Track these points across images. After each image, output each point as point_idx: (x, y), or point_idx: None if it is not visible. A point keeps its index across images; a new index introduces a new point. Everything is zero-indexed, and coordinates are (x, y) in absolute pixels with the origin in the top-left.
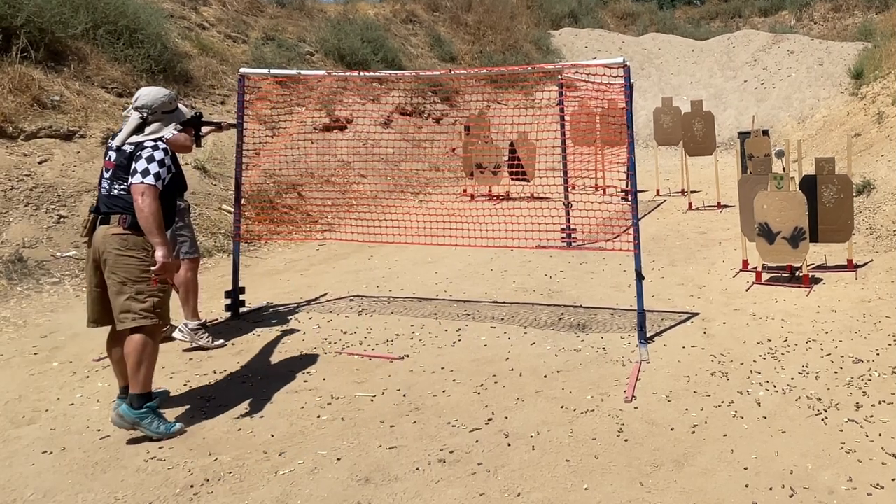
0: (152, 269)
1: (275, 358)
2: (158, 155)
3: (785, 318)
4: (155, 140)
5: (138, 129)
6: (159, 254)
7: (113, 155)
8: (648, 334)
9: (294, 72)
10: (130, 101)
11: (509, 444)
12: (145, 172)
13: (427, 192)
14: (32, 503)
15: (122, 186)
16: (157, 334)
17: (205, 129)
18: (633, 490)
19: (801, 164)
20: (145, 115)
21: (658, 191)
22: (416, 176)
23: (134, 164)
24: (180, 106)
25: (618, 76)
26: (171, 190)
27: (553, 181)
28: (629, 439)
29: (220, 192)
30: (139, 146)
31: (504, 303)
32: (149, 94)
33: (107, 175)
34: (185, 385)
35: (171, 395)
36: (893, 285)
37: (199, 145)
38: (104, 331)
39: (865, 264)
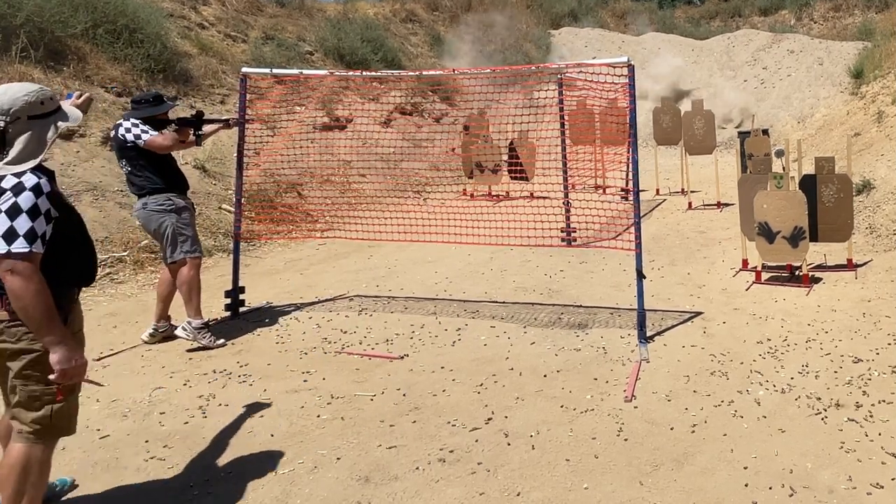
0: (50, 377)
1: (275, 357)
2: (26, 201)
3: (785, 318)
4: (18, 174)
5: None
6: (55, 357)
7: None
8: (648, 334)
9: (296, 71)
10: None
11: (509, 444)
12: (10, 235)
13: (427, 191)
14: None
15: None
16: (48, 453)
17: (208, 127)
18: (632, 489)
19: (801, 164)
20: (2, 123)
21: (658, 190)
22: (416, 175)
23: None
24: (65, 105)
25: (622, 75)
26: (63, 240)
27: (553, 180)
28: (629, 439)
29: (219, 192)
30: None
31: (504, 302)
32: (4, 93)
33: None
34: (185, 385)
35: (172, 393)
36: (893, 285)
37: (198, 145)
38: (103, 331)
39: (865, 264)
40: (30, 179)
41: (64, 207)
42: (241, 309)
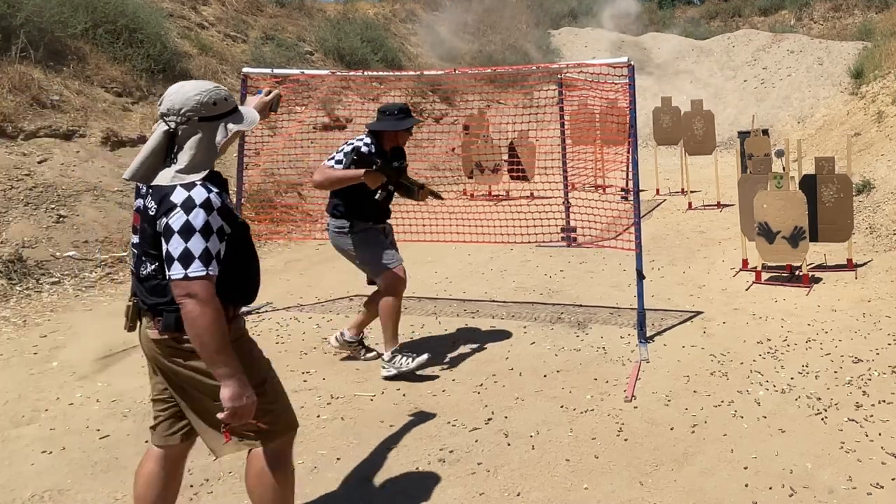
0: (218, 415)
1: (275, 358)
2: (198, 219)
3: (785, 318)
4: (187, 187)
5: (165, 152)
6: (226, 392)
7: (140, 204)
8: (648, 333)
9: (297, 71)
10: (130, 100)
11: (509, 444)
12: (187, 258)
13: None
14: (32, 503)
15: (153, 268)
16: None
17: (402, 182)
18: (632, 490)
19: (801, 164)
20: (173, 124)
21: (658, 190)
22: (415, 175)
23: (163, 241)
24: (244, 106)
25: (622, 76)
26: (232, 257)
27: (553, 180)
28: (629, 439)
29: None
30: (164, 200)
31: (504, 302)
32: (177, 91)
33: (134, 238)
34: None
35: None
36: (893, 285)
37: (375, 197)
38: (103, 330)
39: (865, 264)
40: (200, 194)
41: (235, 222)
42: (242, 309)
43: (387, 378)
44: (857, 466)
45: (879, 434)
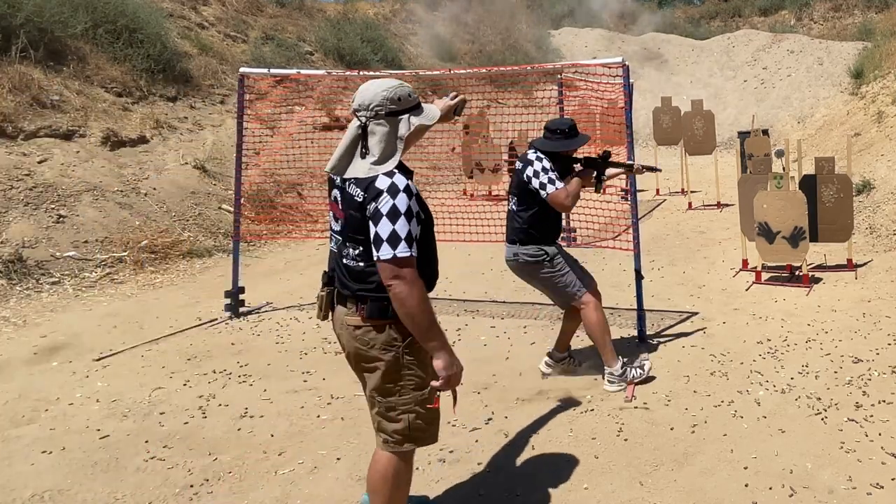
0: (433, 384)
1: (275, 358)
2: (402, 203)
3: (785, 318)
4: (388, 174)
5: (360, 145)
6: (439, 363)
7: (338, 196)
8: (648, 333)
9: (294, 71)
10: (130, 100)
11: (509, 444)
12: (394, 239)
13: (427, 191)
14: (32, 503)
15: (357, 252)
16: (410, 462)
17: (611, 170)
18: (632, 490)
19: (801, 164)
20: (363, 119)
21: (658, 190)
22: (415, 175)
23: (371, 225)
24: (424, 105)
25: (617, 76)
26: (425, 242)
27: None
28: (629, 439)
29: (220, 192)
30: (370, 187)
31: (504, 302)
32: (367, 89)
33: (335, 226)
34: (185, 385)
35: (172, 393)
36: (893, 285)
37: (598, 191)
38: (103, 331)
39: (865, 264)
40: (401, 180)
41: (425, 209)
42: (242, 309)
43: (611, 391)
44: (857, 466)
45: (879, 434)
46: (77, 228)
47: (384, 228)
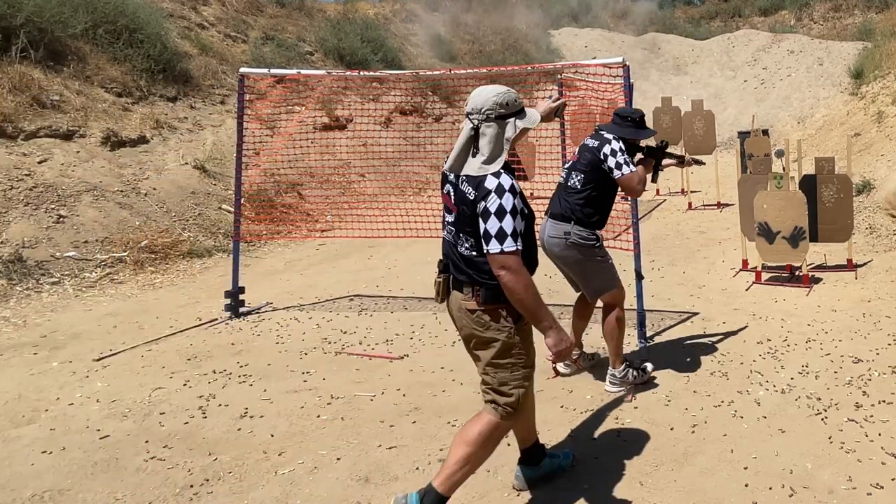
0: (547, 358)
1: (275, 358)
2: (508, 202)
3: (785, 318)
4: (496, 175)
5: (472, 146)
6: (550, 340)
7: (451, 190)
8: (648, 334)
9: (294, 71)
10: (130, 100)
11: (509, 444)
12: (501, 236)
13: (427, 191)
14: (32, 503)
15: (469, 244)
16: (508, 429)
17: (666, 160)
18: (633, 490)
19: (801, 164)
20: (476, 122)
21: (658, 191)
22: (415, 175)
23: (481, 222)
24: (528, 109)
25: (617, 76)
26: (526, 233)
27: (553, 180)
28: (629, 439)
29: (220, 192)
30: (480, 186)
31: None
32: (479, 94)
33: (448, 217)
34: (185, 385)
35: (172, 393)
36: (893, 285)
37: (654, 181)
38: (103, 331)
39: (865, 264)
40: (507, 180)
41: (527, 205)
42: (242, 309)
43: (611, 392)
44: (857, 466)
45: (879, 434)
46: (77, 228)
47: (493, 225)
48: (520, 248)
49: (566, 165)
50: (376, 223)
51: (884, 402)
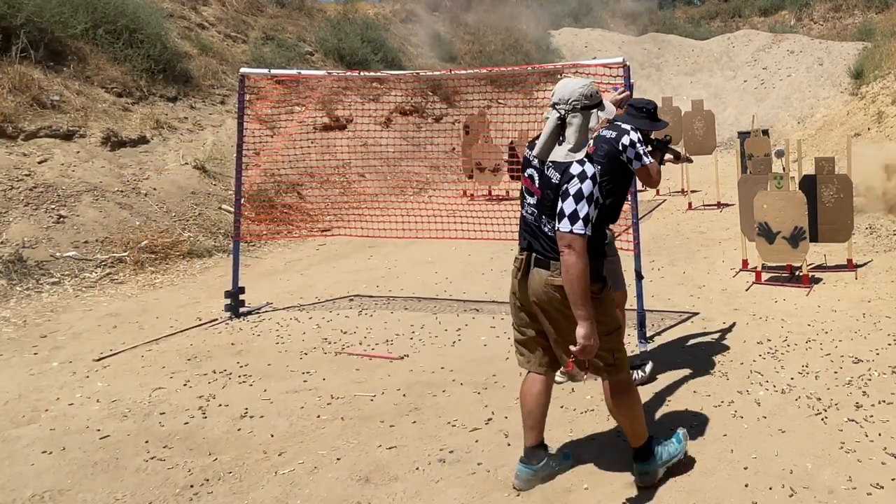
0: (571, 348)
1: (275, 358)
2: (588, 188)
3: (785, 318)
4: (581, 163)
5: (559, 135)
6: (581, 331)
7: (535, 175)
8: (648, 334)
9: (295, 71)
10: (130, 100)
11: (509, 444)
12: (574, 217)
13: (427, 191)
14: (32, 503)
15: (552, 226)
16: (629, 385)
17: (667, 155)
18: (632, 489)
19: (801, 164)
20: (562, 111)
21: (658, 191)
22: (416, 175)
23: (559, 201)
24: (605, 102)
25: (618, 76)
26: (599, 225)
27: None
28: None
29: (220, 192)
30: (565, 172)
31: (504, 302)
32: (565, 86)
33: (530, 200)
34: (185, 385)
35: (172, 393)
36: (893, 285)
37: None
38: (103, 331)
39: (865, 264)
40: (590, 169)
41: (603, 193)
42: (242, 309)
43: None
44: (857, 466)
45: (879, 434)
46: (77, 228)
47: (568, 206)
48: (588, 234)
49: None
50: (376, 223)
51: (884, 402)
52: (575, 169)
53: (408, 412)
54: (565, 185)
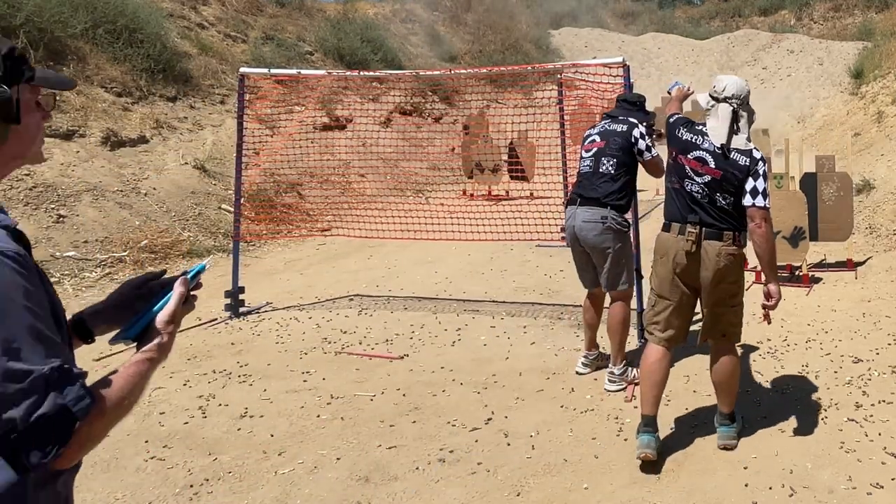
0: (764, 304)
1: (274, 358)
2: (766, 169)
3: (785, 318)
4: (756, 149)
5: (734, 125)
6: (773, 288)
7: (709, 159)
8: None
9: (294, 71)
10: (130, 100)
11: (509, 444)
12: (765, 194)
13: (427, 191)
14: None
15: (728, 200)
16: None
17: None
18: (633, 490)
19: (801, 164)
20: (735, 105)
21: (658, 190)
22: (415, 175)
23: (752, 180)
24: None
25: (617, 75)
26: None
27: (553, 180)
28: (629, 439)
29: (220, 192)
30: (751, 157)
31: (504, 302)
32: (735, 82)
33: (699, 179)
34: (185, 385)
35: (172, 393)
36: (893, 285)
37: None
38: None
39: (865, 263)
40: (759, 153)
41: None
42: (242, 309)
43: (611, 391)
44: (857, 466)
45: (879, 434)
46: (77, 228)
47: (761, 184)
48: (769, 206)
49: (589, 153)
50: (376, 223)
51: (884, 401)
52: (756, 154)
53: (407, 412)
54: (756, 167)
